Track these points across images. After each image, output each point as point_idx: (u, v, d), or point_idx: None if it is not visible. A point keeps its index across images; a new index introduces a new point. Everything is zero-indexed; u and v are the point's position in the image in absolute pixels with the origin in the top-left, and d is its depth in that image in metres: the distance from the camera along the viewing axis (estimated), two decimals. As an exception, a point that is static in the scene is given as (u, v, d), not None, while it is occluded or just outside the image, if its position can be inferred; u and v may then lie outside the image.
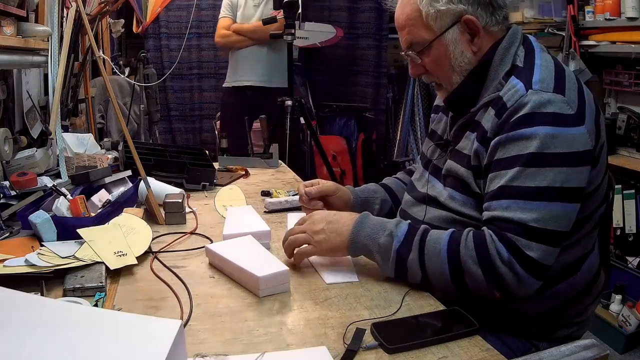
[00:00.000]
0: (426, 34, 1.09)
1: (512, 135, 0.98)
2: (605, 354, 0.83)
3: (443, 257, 0.98)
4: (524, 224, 0.94)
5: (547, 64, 1.05)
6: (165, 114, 4.04)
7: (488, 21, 1.07)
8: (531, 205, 0.95)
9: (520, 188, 0.96)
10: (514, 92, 1.01)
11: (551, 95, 0.98)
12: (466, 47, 1.08)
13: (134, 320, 0.72)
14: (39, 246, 1.10)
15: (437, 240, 1.00)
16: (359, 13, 4.23)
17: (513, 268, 0.94)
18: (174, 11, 3.96)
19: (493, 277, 0.95)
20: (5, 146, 1.49)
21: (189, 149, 1.82)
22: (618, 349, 2.25)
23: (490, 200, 1.00)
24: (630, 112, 2.64)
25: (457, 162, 1.11)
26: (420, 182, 1.25)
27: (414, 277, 1.00)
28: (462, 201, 1.09)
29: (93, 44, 1.55)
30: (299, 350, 0.80)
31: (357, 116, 4.18)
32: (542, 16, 2.93)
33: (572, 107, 0.98)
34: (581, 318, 1.13)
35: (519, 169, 0.96)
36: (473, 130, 1.09)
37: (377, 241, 1.03)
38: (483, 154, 1.04)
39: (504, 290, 0.96)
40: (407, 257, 1.00)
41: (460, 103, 1.14)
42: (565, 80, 1.02)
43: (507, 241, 0.95)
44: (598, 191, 1.06)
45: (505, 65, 1.06)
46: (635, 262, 2.53)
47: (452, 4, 1.05)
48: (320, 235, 1.06)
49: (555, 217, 0.95)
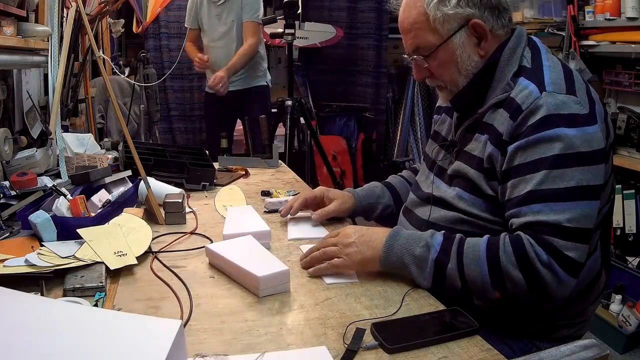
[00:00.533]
0: (433, 38, 1.08)
1: (532, 139, 0.98)
2: (605, 354, 0.83)
3: (482, 264, 0.97)
4: (558, 225, 0.95)
5: (555, 65, 1.06)
6: (165, 114, 4.04)
7: (494, 24, 1.08)
8: (563, 206, 0.95)
9: (549, 190, 0.96)
10: (527, 93, 1.01)
11: (565, 97, 0.99)
12: (473, 50, 1.09)
13: (134, 320, 0.72)
14: (39, 246, 1.10)
15: (474, 247, 0.99)
16: (359, 13, 4.23)
17: (553, 269, 0.94)
18: (174, 11, 3.95)
19: (534, 280, 0.95)
20: (5, 146, 1.49)
21: (189, 149, 1.82)
22: (618, 349, 2.25)
23: (519, 206, 1.00)
24: (630, 112, 2.64)
25: (466, 164, 1.10)
26: (425, 182, 1.25)
27: (452, 285, 0.99)
28: (470, 201, 1.09)
29: (93, 44, 1.55)
30: (299, 350, 0.80)
31: (357, 116, 4.19)
32: (542, 16, 2.93)
33: (585, 107, 0.99)
34: (582, 318, 1.13)
35: (545, 172, 0.96)
36: (483, 132, 1.08)
37: (412, 253, 1.01)
38: (498, 157, 1.04)
39: (543, 292, 0.96)
40: (446, 266, 0.99)
41: (466, 104, 1.14)
42: (574, 81, 1.03)
43: (545, 244, 0.95)
44: (605, 190, 1.06)
45: (513, 66, 1.06)
46: (635, 262, 2.53)
47: (459, 7, 1.05)
48: (352, 248, 1.04)
49: (586, 215, 0.96)
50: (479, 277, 0.97)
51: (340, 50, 4.23)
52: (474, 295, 0.99)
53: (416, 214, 1.22)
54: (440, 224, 1.13)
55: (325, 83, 3.83)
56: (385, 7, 4.11)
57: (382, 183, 1.45)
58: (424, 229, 1.15)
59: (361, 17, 4.23)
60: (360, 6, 4.21)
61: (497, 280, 0.97)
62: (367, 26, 4.22)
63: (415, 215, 1.22)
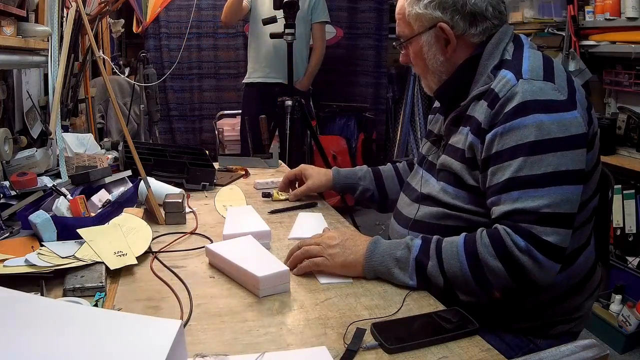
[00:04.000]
0: (407, 30, 1.16)
1: (508, 125, 0.99)
2: (605, 354, 0.83)
3: (461, 258, 0.98)
4: (536, 211, 0.96)
5: (535, 55, 1.08)
6: (165, 114, 4.05)
7: (467, 31, 1.10)
8: (541, 192, 0.96)
9: (527, 177, 0.97)
10: (505, 82, 1.03)
11: (541, 83, 1.00)
12: (440, 51, 1.14)
13: (134, 320, 0.72)
14: (39, 246, 1.10)
15: (452, 243, 1.01)
16: (359, 13, 4.23)
17: (532, 255, 0.95)
18: (174, 11, 3.96)
19: (514, 268, 0.96)
20: (5, 146, 1.49)
21: (189, 149, 1.82)
22: (618, 349, 2.25)
23: (498, 193, 1.01)
24: (630, 112, 2.64)
25: (451, 157, 1.12)
26: (414, 179, 1.26)
27: (436, 284, 1.00)
28: (454, 194, 1.10)
29: (93, 44, 1.55)
30: (299, 350, 0.80)
31: (357, 116, 4.19)
32: (542, 16, 2.93)
33: (563, 93, 1.00)
34: (578, 314, 1.14)
35: (522, 158, 0.98)
36: (465, 125, 1.10)
37: (393, 256, 1.03)
38: (478, 146, 1.05)
39: (526, 279, 0.97)
40: (426, 265, 1.00)
41: (450, 97, 1.18)
42: (553, 69, 1.04)
43: (522, 231, 0.96)
44: (591, 180, 1.07)
45: (494, 59, 1.09)
46: (635, 262, 2.53)
47: (429, 9, 1.10)
48: (335, 249, 1.05)
49: (565, 200, 0.97)
50: (459, 272, 0.98)
51: (340, 50, 4.23)
52: (458, 291, 1.00)
53: (403, 214, 1.24)
54: (426, 221, 1.15)
55: (325, 83, 3.83)
56: (385, 7, 4.12)
57: (371, 168, 1.52)
58: (410, 227, 1.18)
59: (361, 17, 4.23)
60: (360, 6, 4.21)
61: (477, 272, 0.98)
62: (367, 26, 4.23)
63: (403, 215, 1.24)
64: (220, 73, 4.17)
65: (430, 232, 1.07)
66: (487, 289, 0.98)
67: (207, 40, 4.08)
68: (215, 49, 4.12)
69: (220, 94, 4.20)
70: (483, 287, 0.98)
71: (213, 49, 4.11)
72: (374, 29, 4.21)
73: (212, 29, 4.07)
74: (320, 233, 1.15)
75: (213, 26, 4.06)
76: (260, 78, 3.20)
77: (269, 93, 3.08)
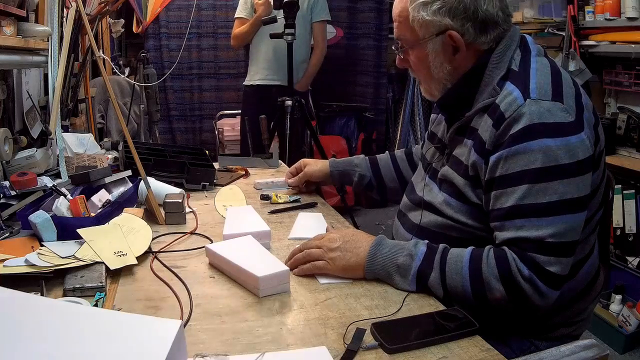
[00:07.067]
0: (410, 36, 1.09)
1: (514, 149, 0.96)
2: (605, 354, 0.83)
3: (465, 275, 0.97)
4: (540, 240, 0.94)
5: (543, 67, 1.03)
6: (165, 114, 4.05)
7: (477, 39, 1.05)
8: (545, 221, 0.94)
9: (531, 206, 0.95)
10: (511, 100, 0.98)
11: (550, 103, 0.96)
12: (447, 59, 1.08)
13: (134, 320, 0.72)
14: (39, 246, 1.10)
15: (457, 258, 0.99)
16: (359, 13, 4.23)
17: (534, 284, 0.94)
18: (174, 11, 3.96)
19: (515, 293, 0.95)
20: (5, 146, 1.49)
21: (189, 149, 1.82)
22: (618, 349, 2.25)
23: (501, 220, 0.99)
24: (630, 112, 2.63)
25: (454, 170, 1.10)
26: (419, 185, 1.25)
27: (435, 294, 0.99)
28: (457, 208, 1.08)
29: (93, 44, 1.55)
30: (299, 350, 0.80)
31: (357, 116, 4.18)
32: (542, 16, 2.93)
33: (571, 113, 0.97)
34: (581, 317, 1.14)
35: (527, 186, 0.95)
36: (469, 137, 1.07)
37: (395, 262, 1.01)
38: (482, 166, 1.02)
39: (525, 305, 0.96)
40: (428, 276, 0.99)
41: (453, 106, 1.14)
42: (562, 85, 1.00)
43: (527, 259, 0.95)
44: (596, 196, 1.05)
45: (501, 69, 1.04)
46: (635, 262, 2.53)
47: (438, 15, 1.03)
48: (336, 252, 1.04)
49: (569, 228, 0.95)
50: (460, 288, 0.97)
51: (340, 50, 4.23)
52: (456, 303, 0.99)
53: (409, 217, 1.22)
54: (431, 229, 1.13)
55: (325, 83, 3.83)
56: (385, 7, 4.12)
57: (368, 156, 1.54)
58: (415, 233, 1.16)
59: (361, 17, 4.23)
60: (360, 6, 4.21)
61: (478, 291, 0.97)
62: (367, 26, 4.23)
63: (408, 219, 1.22)
64: (220, 73, 4.17)
65: (435, 241, 1.05)
66: (484, 306, 0.98)
67: (207, 40, 4.09)
68: (215, 49, 4.12)
69: (220, 94, 4.20)
70: (481, 304, 0.98)
71: (213, 49, 4.11)
72: (374, 29, 4.21)
73: (212, 29, 4.07)
74: (322, 233, 1.14)
75: (213, 26, 4.06)
76: (259, 80, 3.20)
77: (267, 95, 3.08)
